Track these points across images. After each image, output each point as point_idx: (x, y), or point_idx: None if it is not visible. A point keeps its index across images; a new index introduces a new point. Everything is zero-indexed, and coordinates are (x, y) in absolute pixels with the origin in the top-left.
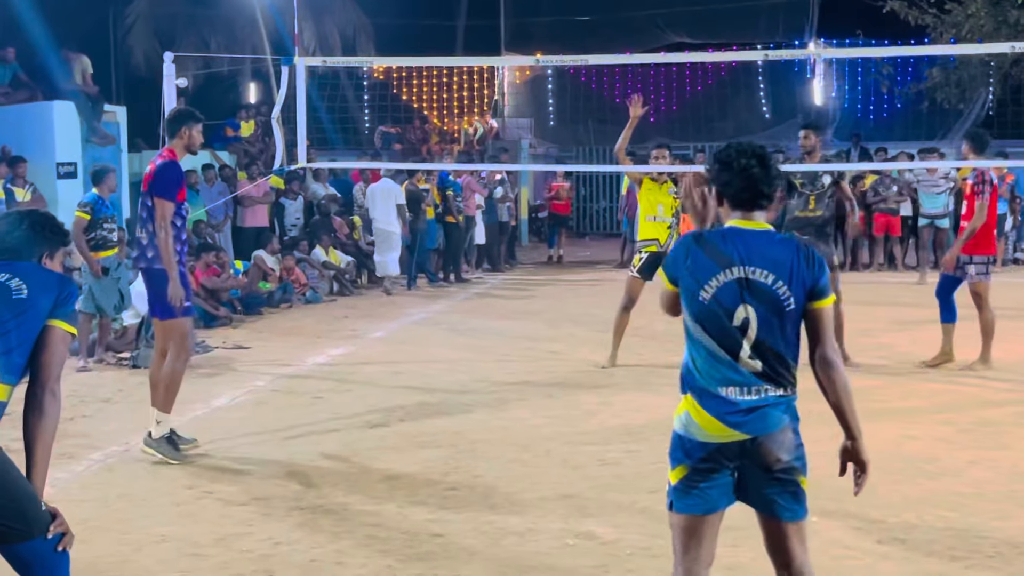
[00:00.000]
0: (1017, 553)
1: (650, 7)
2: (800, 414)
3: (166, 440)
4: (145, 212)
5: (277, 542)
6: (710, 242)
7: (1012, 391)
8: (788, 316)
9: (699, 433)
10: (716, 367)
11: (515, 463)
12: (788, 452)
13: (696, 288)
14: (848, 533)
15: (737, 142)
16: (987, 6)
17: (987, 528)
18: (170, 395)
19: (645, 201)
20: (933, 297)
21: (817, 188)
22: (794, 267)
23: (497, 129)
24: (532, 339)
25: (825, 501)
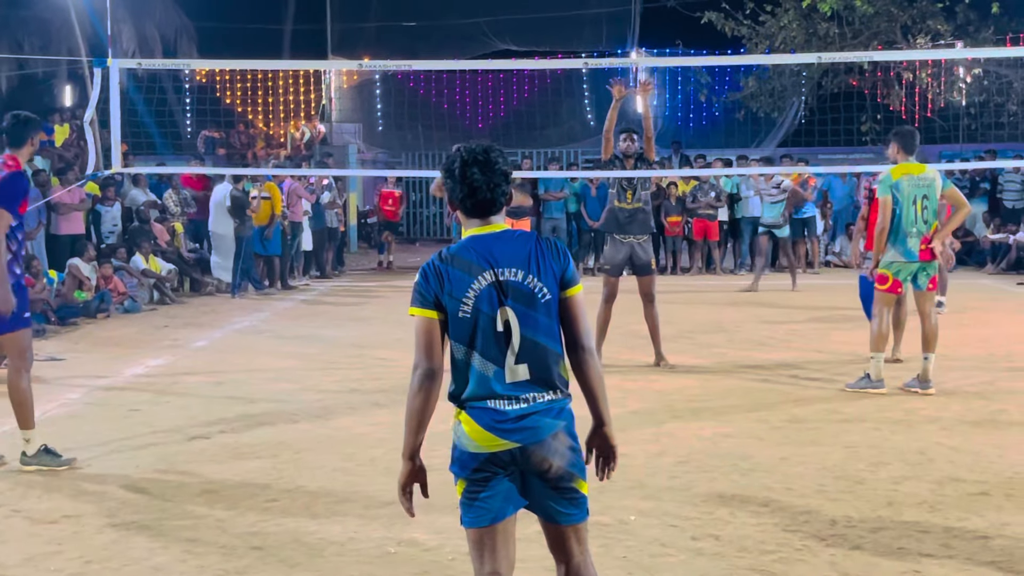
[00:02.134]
0: (824, 545)
1: (477, 14)
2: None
3: (44, 452)
4: None
5: (88, 560)
6: (456, 256)
7: (822, 388)
8: (545, 308)
9: (470, 444)
10: (483, 382)
11: (339, 472)
12: (562, 458)
13: (456, 307)
14: (664, 531)
15: (464, 146)
16: (798, 18)
17: (796, 522)
18: (24, 410)
19: None
20: (749, 299)
21: (634, 183)
22: (540, 259)
23: (324, 133)
24: (360, 346)
25: (641, 500)
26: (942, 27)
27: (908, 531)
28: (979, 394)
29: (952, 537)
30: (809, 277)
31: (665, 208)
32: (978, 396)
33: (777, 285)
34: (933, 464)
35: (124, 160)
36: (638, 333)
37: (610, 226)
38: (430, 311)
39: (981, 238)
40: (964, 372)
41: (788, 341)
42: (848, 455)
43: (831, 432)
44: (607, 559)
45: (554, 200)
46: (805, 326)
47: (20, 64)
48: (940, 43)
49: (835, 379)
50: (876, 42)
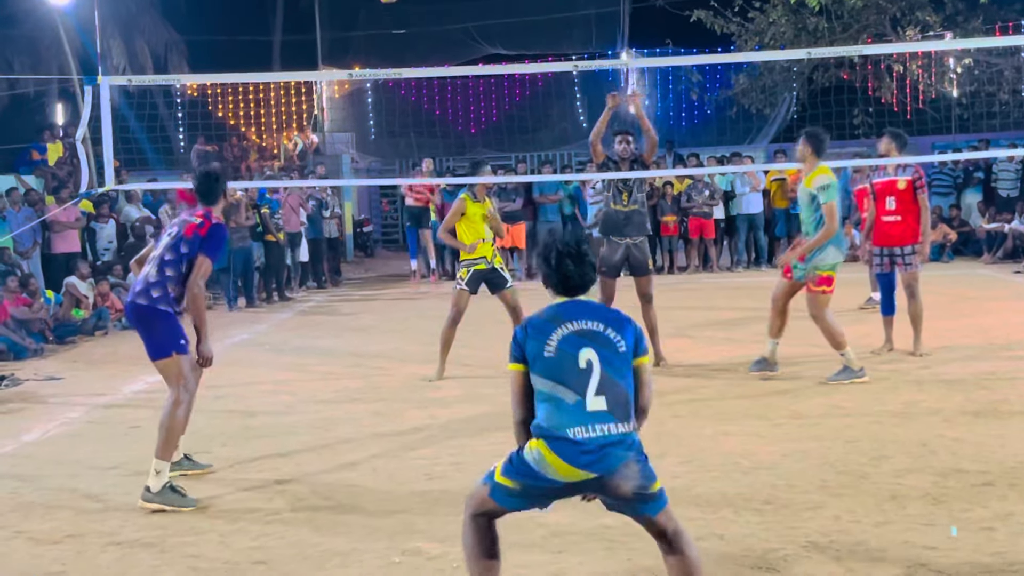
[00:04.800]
0: (828, 541)
1: (466, 20)
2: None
3: (169, 490)
4: (173, 254)
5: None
6: (543, 315)
7: (823, 384)
8: (622, 357)
9: (551, 472)
10: (564, 412)
11: (340, 483)
12: (633, 481)
13: (540, 348)
14: None
15: (559, 240)
16: (787, 14)
17: (800, 519)
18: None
19: (472, 224)
20: (746, 297)
21: (629, 185)
22: (618, 321)
23: (317, 144)
24: (359, 356)
25: None
26: (931, 18)
27: (912, 524)
28: (980, 384)
29: (957, 529)
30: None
31: (660, 208)
32: (979, 386)
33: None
34: (936, 456)
35: (117, 177)
36: None
37: (606, 229)
38: (516, 364)
39: (977, 228)
40: (964, 362)
41: (787, 337)
42: (850, 449)
43: (832, 427)
44: (611, 562)
45: (549, 203)
46: (804, 322)
47: (11, 84)
48: (930, 34)
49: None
50: (865, 35)
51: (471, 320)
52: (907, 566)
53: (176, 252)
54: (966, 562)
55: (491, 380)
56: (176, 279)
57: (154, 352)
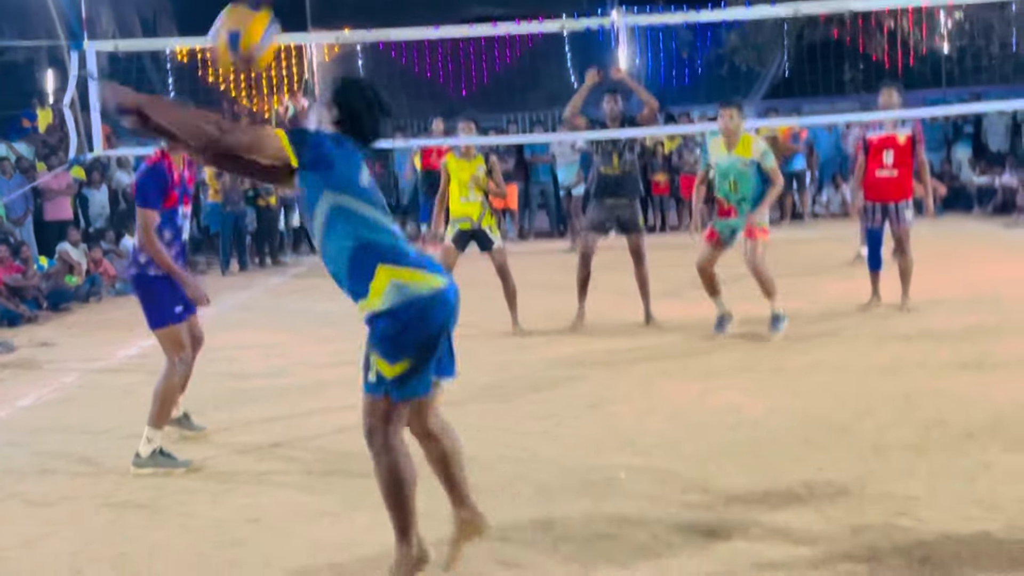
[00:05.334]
0: (810, 493)
1: None
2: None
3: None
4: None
5: (87, 541)
6: (344, 142)
7: (811, 340)
8: None
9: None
10: (397, 237)
11: (332, 445)
12: None
13: (355, 173)
14: (654, 487)
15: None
16: None
17: (783, 471)
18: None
19: (455, 181)
20: (737, 254)
21: (619, 146)
22: None
23: (308, 108)
24: (352, 318)
25: (632, 457)
26: None
27: (894, 475)
28: (965, 337)
29: (938, 479)
30: (800, 229)
31: (651, 166)
32: (964, 339)
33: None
34: (919, 409)
35: (107, 142)
36: (625, 291)
37: (597, 191)
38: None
39: (967, 182)
40: (951, 315)
41: (779, 294)
42: (834, 404)
43: (818, 382)
44: (597, 516)
45: (541, 163)
46: (796, 279)
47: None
48: None
49: (825, 330)
50: None
51: (468, 277)
52: (888, 515)
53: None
54: (947, 510)
55: (487, 340)
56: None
57: (149, 322)
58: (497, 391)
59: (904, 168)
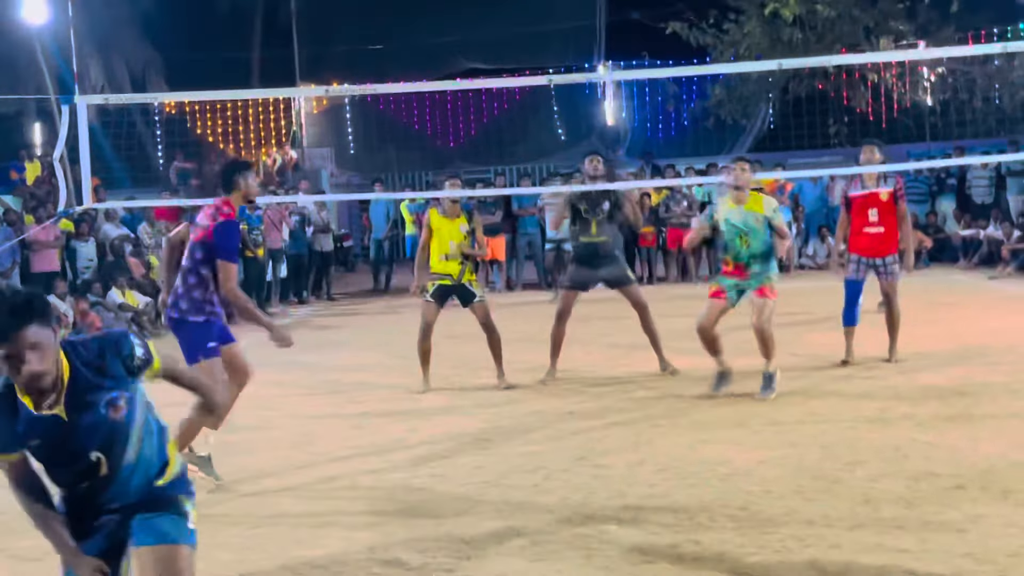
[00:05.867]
0: (803, 546)
1: (444, 35)
2: None
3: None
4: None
5: None
6: None
7: (798, 391)
8: None
9: None
10: None
11: (320, 496)
12: None
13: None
14: (646, 539)
15: None
16: (761, 25)
17: (775, 524)
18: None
19: (436, 238)
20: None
21: (598, 214)
22: None
23: (296, 159)
24: (339, 370)
25: (622, 510)
26: (904, 27)
27: (885, 528)
28: (954, 389)
29: (929, 532)
30: (784, 280)
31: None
32: (953, 391)
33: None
34: (909, 460)
35: (96, 195)
36: (614, 343)
37: (578, 259)
38: None
39: (952, 234)
40: (939, 367)
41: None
42: (825, 455)
43: (808, 433)
44: (589, 569)
45: (528, 216)
46: (781, 330)
47: None
48: (903, 43)
49: (814, 382)
50: (839, 45)
51: (457, 334)
52: (880, 568)
53: (192, 259)
54: (938, 563)
55: (471, 394)
56: (198, 284)
57: (187, 358)
58: (485, 443)
59: (889, 224)
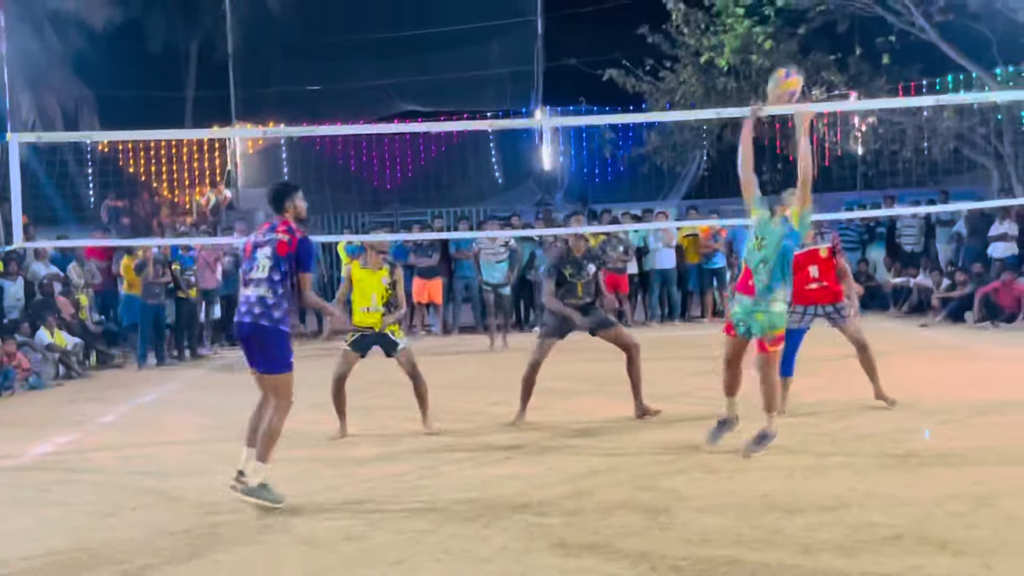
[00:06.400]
0: None
1: (381, 77)
2: None
3: (262, 487)
4: (278, 275)
5: None
6: None
7: (736, 438)
8: None
9: None
10: None
11: (256, 544)
12: None
13: None
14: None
15: None
16: (697, 73)
17: (716, 574)
18: (271, 444)
19: (358, 290)
20: (659, 351)
21: (583, 276)
22: None
23: (230, 199)
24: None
25: (562, 559)
26: (836, 78)
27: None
28: (889, 437)
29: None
30: (719, 325)
31: None
32: (888, 439)
33: (697, 334)
34: (847, 509)
35: (26, 233)
36: (552, 388)
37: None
38: None
39: (883, 283)
40: (874, 415)
41: (703, 391)
42: (764, 504)
43: (747, 481)
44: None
45: (465, 259)
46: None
47: None
48: (835, 94)
49: (748, 428)
50: None
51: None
52: None
53: (280, 271)
54: None
55: (404, 439)
56: (287, 295)
57: (268, 367)
58: (421, 492)
59: (831, 278)
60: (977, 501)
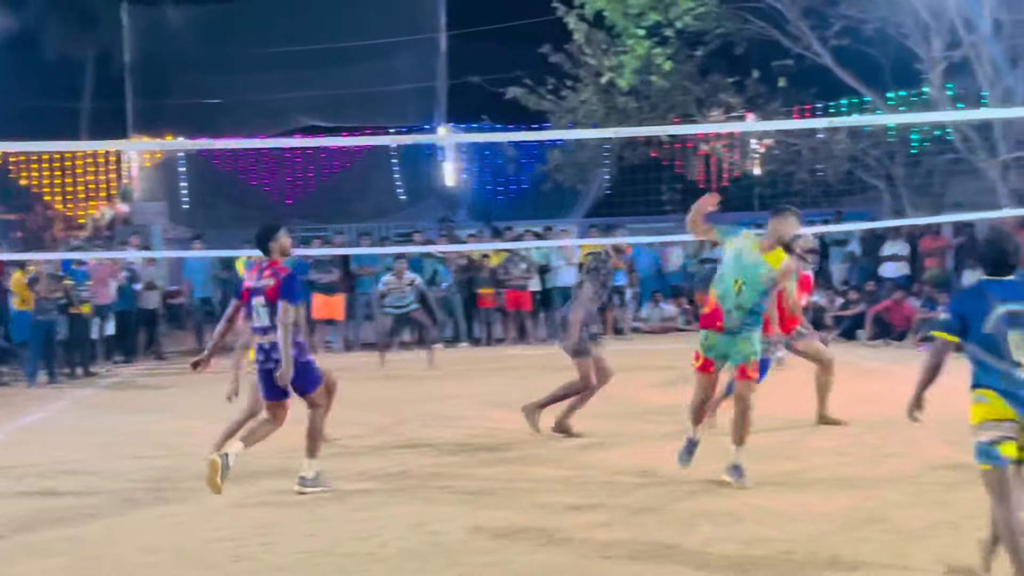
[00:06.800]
0: None
1: (283, 91)
2: None
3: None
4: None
5: None
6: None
7: (634, 453)
8: None
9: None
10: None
11: (143, 567)
12: None
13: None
14: None
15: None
16: (598, 93)
17: None
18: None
19: None
20: (559, 368)
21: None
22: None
23: (126, 213)
24: (166, 433)
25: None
26: (734, 100)
27: None
28: (784, 453)
29: None
30: (621, 343)
31: (477, 280)
32: (783, 455)
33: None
34: (741, 524)
35: None
36: (442, 408)
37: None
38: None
39: None
40: (770, 432)
41: (596, 405)
42: (661, 519)
43: (643, 496)
44: None
45: (367, 275)
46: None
47: None
48: (733, 115)
49: (645, 444)
50: (672, 115)
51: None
52: None
53: (277, 316)
54: None
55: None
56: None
57: (306, 389)
58: (316, 510)
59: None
60: (868, 516)
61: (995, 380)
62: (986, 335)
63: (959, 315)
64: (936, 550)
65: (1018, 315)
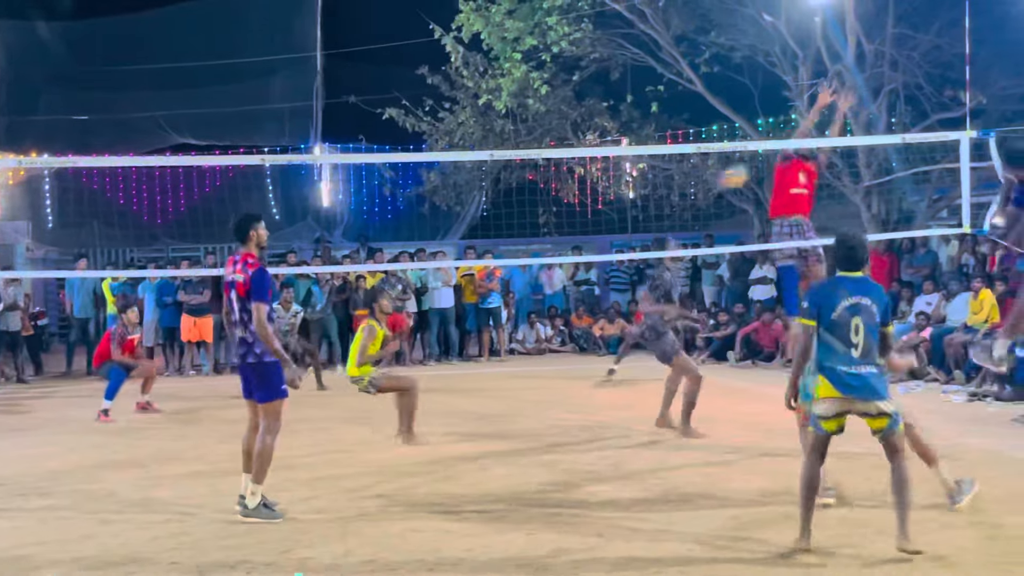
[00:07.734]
0: None
1: (152, 108)
2: None
3: (263, 506)
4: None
5: None
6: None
7: (510, 474)
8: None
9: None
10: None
11: None
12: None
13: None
14: None
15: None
16: (476, 115)
17: None
18: (264, 466)
19: None
20: (435, 390)
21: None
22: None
23: None
24: (25, 459)
25: None
26: (608, 124)
27: None
28: (653, 472)
29: None
30: (495, 365)
31: (353, 301)
32: (652, 475)
33: (474, 373)
34: (611, 545)
35: None
36: (326, 424)
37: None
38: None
39: None
40: (638, 451)
41: (476, 425)
42: (531, 541)
43: (515, 519)
44: None
45: None
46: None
47: None
48: (607, 139)
49: (514, 466)
50: (549, 138)
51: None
52: None
53: (247, 311)
54: None
55: (172, 481)
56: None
57: (265, 396)
58: (182, 537)
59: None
60: (736, 533)
61: (834, 360)
62: (833, 321)
63: (815, 304)
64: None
65: (858, 305)
